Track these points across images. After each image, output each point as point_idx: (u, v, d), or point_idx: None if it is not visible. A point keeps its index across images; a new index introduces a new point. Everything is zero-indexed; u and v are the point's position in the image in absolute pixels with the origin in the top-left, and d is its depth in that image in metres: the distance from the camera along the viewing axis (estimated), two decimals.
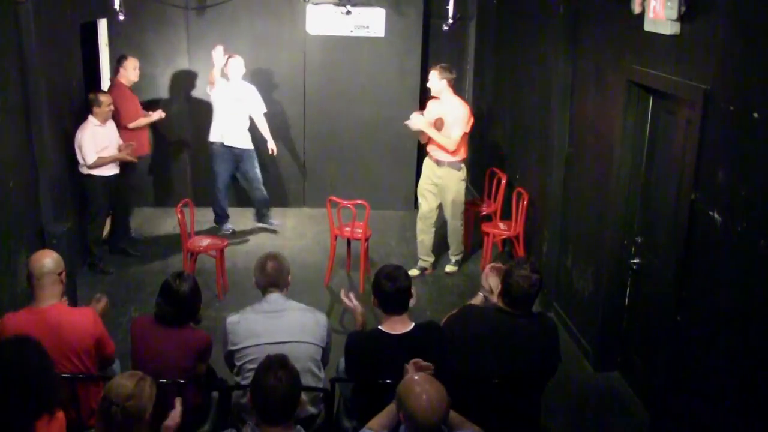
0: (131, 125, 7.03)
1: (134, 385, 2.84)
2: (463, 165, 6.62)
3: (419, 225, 6.85)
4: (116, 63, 7.15)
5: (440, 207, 6.78)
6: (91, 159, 6.43)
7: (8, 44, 5.28)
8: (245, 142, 7.52)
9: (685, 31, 4.02)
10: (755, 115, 3.43)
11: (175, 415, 3.24)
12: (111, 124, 6.69)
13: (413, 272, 6.70)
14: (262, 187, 7.76)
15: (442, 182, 6.62)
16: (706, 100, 3.82)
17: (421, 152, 7.27)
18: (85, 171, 6.53)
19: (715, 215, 3.77)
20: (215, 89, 7.34)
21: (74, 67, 6.80)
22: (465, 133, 6.45)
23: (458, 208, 6.74)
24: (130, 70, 7.05)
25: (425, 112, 6.65)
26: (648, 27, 4.35)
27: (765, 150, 3.38)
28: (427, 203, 6.77)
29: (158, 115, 7.29)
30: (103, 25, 7.67)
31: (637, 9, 4.39)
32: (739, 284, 3.59)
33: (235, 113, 7.40)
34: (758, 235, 3.41)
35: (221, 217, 7.82)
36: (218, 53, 7.17)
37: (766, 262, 3.36)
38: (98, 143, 6.47)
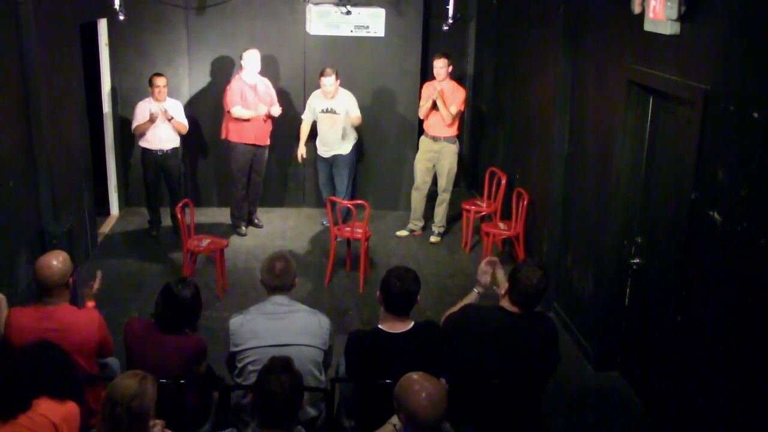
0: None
1: (137, 384, 2.80)
2: (456, 140, 7.44)
3: (414, 195, 7.69)
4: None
5: (434, 180, 7.61)
6: (133, 126, 7.34)
7: (8, 44, 5.29)
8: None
9: (685, 31, 4.02)
10: (755, 115, 3.43)
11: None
12: (169, 104, 7.29)
13: (402, 232, 7.79)
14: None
15: (438, 155, 7.39)
16: (706, 100, 3.82)
17: None
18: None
19: (715, 215, 3.77)
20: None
21: (74, 67, 6.80)
22: (460, 110, 7.31)
23: (451, 180, 7.51)
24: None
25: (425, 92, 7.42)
26: (648, 27, 4.35)
27: (765, 150, 3.38)
28: (422, 176, 7.57)
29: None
30: (103, 25, 7.66)
31: (637, 9, 4.40)
32: (739, 284, 3.59)
33: None
34: (758, 235, 3.41)
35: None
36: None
37: (766, 261, 3.36)
38: (145, 116, 7.19)
